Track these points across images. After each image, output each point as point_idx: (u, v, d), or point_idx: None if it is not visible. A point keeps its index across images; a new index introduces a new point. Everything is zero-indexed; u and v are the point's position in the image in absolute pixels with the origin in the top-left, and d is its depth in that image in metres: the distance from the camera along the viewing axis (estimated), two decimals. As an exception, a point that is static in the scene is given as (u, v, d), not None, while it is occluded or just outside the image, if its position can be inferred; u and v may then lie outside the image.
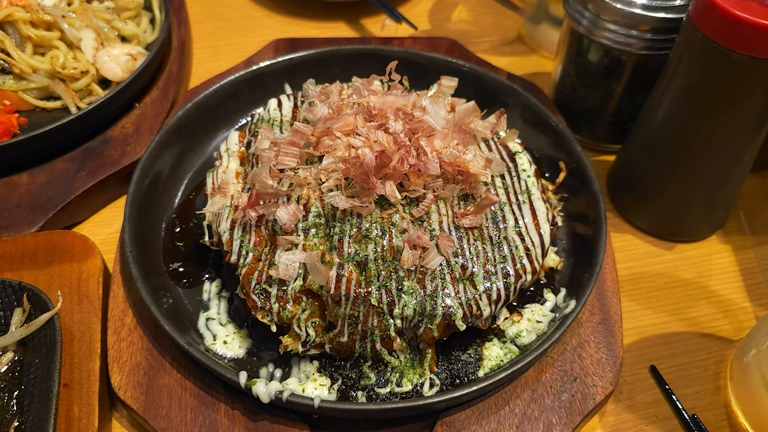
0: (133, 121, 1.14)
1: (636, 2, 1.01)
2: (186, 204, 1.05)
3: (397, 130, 0.86)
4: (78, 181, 1.06)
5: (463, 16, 1.44)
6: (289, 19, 1.43)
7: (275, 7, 1.45)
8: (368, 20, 1.42)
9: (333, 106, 0.91)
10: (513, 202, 0.94)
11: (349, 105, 0.90)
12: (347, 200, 0.84)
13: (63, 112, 1.17)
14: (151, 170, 1.02)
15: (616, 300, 0.95)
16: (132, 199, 0.97)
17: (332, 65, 1.19)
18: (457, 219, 0.88)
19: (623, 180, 1.11)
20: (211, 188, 0.96)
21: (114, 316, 0.91)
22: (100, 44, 1.21)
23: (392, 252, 0.84)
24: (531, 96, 1.12)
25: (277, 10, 1.45)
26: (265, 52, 1.26)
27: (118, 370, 0.86)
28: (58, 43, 1.19)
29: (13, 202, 1.03)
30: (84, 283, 0.93)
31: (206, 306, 0.93)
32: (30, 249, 0.97)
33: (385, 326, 0.83)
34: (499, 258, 0.88)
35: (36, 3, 1.19)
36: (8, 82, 1.17)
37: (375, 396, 0.85)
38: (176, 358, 0.87)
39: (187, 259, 0.98)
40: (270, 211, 0.87)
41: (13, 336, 0.86)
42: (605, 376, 0.87)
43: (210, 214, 0.93)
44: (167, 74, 1.23)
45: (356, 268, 0.84)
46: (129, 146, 1.11)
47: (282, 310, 0.83)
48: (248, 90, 1.15)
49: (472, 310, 0.84)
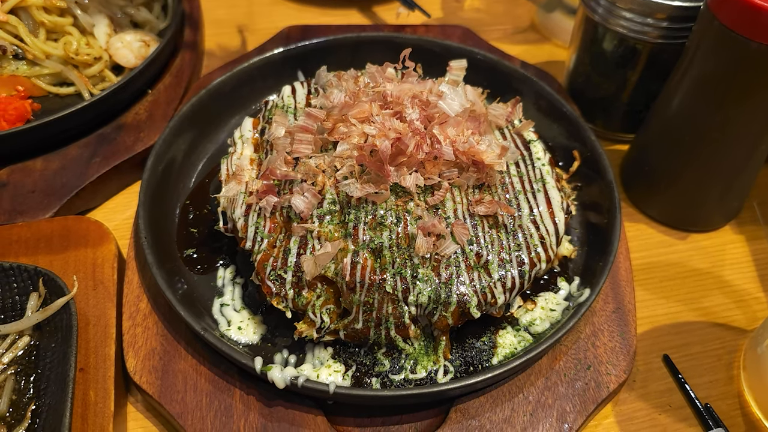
0: (146, 108, 1.14)
1: (652, -10, 1.00)
2: (199, 190, 1.05)
3: (413, 118, 0.85)
4: (92, 167, 1.06)
5: (475, 4, 1.44)
6: (301, 6, 1.42)
7: (287, -7, 1.45)
8: (380, 7, 1.41)
9: (349, 93, 0.90)
10: (528, 190, 0.94)
11: (366, 92, 0.90)
12: (362, 188, 0.84)
13: (76, 98, 1.17)
14: (165, 156, 1.02)
15: (630, 289, 0.95)
16: (146, 186, 0.97)
17: (345, 53, 1.19)
18: (471, 207, 0.88)
19: (637, 169, 1.11)
20: (226, 175, 0.96)
21: (129, 302, 0.91)
22: (113, 30, 1.21)
23: (407, 239, 0.84)
24: (545, 85, 1.12)
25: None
26: (278, 40, 1.26)
27: (134, 355, 0.86)
28: (71, 28, 1.19)
29: (27, 187, 1.03)
30: (99, 269, 0.94)
31: (220, 292, 0.94)
32: (45, 234, 0.97)
33: (399, 313, 0.83)
34: (514, 246, 0.88)
35: (49, -12, 1.19)
36: (22, 67, 1.17)
37: (389, 383, 0.85)
38: (191, 344, 0.87)
39: (201, 245, 0.98)
40: (285, 198, 0.87)
41: (30, 320, 0.86)
42: (619, 364, 0.87)
43: (224, 201, 0.93)
44: (180, 60, 1.22)
45: (371, 255, 0.84)
46: (142, 132, 1.11)
47: (297, 297, 0.83)
48: (261, 77, 1.15)
49: (486, 297, 0.84)
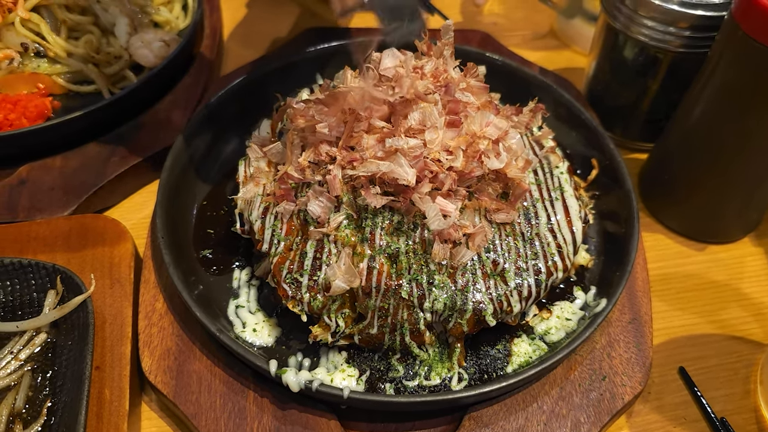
0: (165, 108, 1.15)
1: (675, -1, 1.00)
2: (216, 191, 1.05)
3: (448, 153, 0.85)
4: (111, 165, 1.06)
5: (494, 9, 1.43)
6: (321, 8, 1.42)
7: (307, -5, 1.45)
8: (400, 11, 1.41)
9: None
10: (545, 198, 0.93)
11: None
12: (382, 198, 0.83)
13: (96, 96, 1.17)
14: (183, 156, 1.02)
15: (647, 300, 0.94)
16: (164, 185, 0.97)
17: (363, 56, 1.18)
18: (489, 214, 0.88)
19: (655, 179, 1.10)
20: (243, 176, 0.96)
21: (145, 301, 0.91)
22: (133, 29, 1.21)
23: (423, 245, 0.84)
24: (564, 92, 1.11)
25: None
26: (298, 42, 1.26)
27: (149, 354, 0.86)
28: (92, 27, 1.20)
29: (46, 184, 1.04)
30: (116, 268, 0.94)
31: (236, 293, 0.94)
32: (63, 232, 0.98)
33: (414, 319, 0.83)
34: (531, 254, 0.87)
35: (71, -13, 1.20)
36: (43, 65, 1.18)
37: (403, 388, 0.85)
38: (206, 345, 0.87)
39: (218, 246, 0.98)
40: (302, 202, 0.87)
41: (47, 317, 0.87)
42: (634, 375, 0.87)
43: (241, 202, 0.93)
44: (199, 61, 1.23)
45: (387, 261, 0.84)
46: (161, 132, 1.11)
47: (313, 300, 0.83)
48: (280, 79, 1.15)
49: (502, 306, 0.84)
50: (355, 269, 0.83)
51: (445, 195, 0.85)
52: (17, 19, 1.16)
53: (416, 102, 0.88)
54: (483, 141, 0.86)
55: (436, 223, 0.83)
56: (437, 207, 0.83)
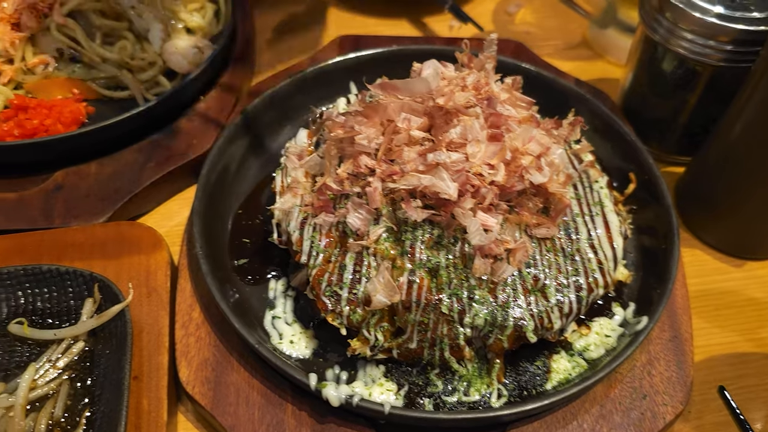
0: (199, 115, 1.15)
1: (716, 12, 0.98)
2: (251, 200, 1.05)
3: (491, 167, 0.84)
4: (145, 172, 1.06)
5: (527, 18, 1.43)
6: (351, 15, 1.42)
7: (337, 2, 1.44)
8: (431, 18, 1.41)
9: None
10: (585, 213, 0.92)
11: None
12: (423, 211, 0.83)
13: (129, 102, 1.18)
14: (219, 165, 1.02)
15: (687, 317, 0.93)
16: (201, 194, 0.97)
17: (398, 64, 1.17)
18: (530, 229, 0.87)
19: (693, 193, 1.09)
20: (280, 186, 0.96)
21: (182, 311, 0.91)
22: (167, 35, 1.21)
23: (464, 260, 0.84)
24: (600, 104, 1.10)
25: (339, 5, 1.44)
26: (331, 49, 1.25)
27: (187, 365, 0.86)
28: (126, 33, 1.20)
29: (82, 191, 1.04)
30: (152, 276, 0.94)
31: (272, 304, 0.93)
32: (99, 239, 0.97)
33: (454, 335, 0.83)
34: (572, 270, 0.87)
35: (106, -8, 1.20)
36: (77, 71, 1.18)
37: (442, 404, 0.84)
38: (243, 356, 0.87)
39: (253, 255, 0.98)
40: (341, 214, 0.87)
41: (85, 326, 0.87)
42: (675, 395, 0.86)
43: (279, 213, 0.93)
44: (232, 68, 1.23)
45: (427, 275, 0.83)
46: (195, 139, 1.11)
47: (352, 314, 0.83)
48: (314, 87, 1.15)
49: (543, 322, 0.83)
50: (395, 283, 0.82)
51: (486, 209, 0.84)
52: (53, 25, 1.16)
53: (457, 114, 0.87)
54: (526, 157, 0.85)
55: (477, 238, 0.82)
56: (479, 221, 0.82)
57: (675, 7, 1.01)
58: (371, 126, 0.89)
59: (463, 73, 0.94)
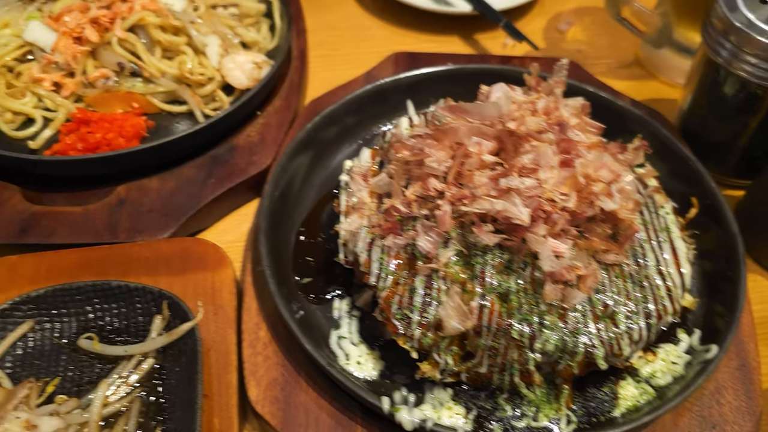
0: (257, 130, 1.16)
1: (784, 37, 0.98)
2: (312, 217, 1.05)
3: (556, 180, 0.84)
4: (207, 188, 1.07)
5: (578, 35, 1.42)
6: (402, 31, 1.42)
7: (388, 17, 1.45)
8: (482, 35, 1.41)
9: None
10: (652, 239, 0.92)
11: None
12: (495, 236, 0.83)
13: (188, 116, 1.19)
14: (281, 183, 1.03)
15: (753, 345, 0.92)
16: (266, 212, 0.98)
17: (456, 83, 1.18)
18: (598, 254, 0.87)
19: (754, 217, 1.08)
20: (345, 206, 0.96)
21: (248, 329, 0.92)
22: (224, 50, 1.22)
23: (533, 284, 0.84)
24: (660, 126, 1.10)
25: (390, 20, 1.44)
26: (385, 66, 1.26)
27: (255, 384, 0.87)
28: (185, 48, 1.21)
29: (145, 206, 1.05)
30: (218, 293, 0.95)
31: (337, 324, 0.94)
32: (164, 255, 0.98)
33: (524, 360, 0.83)
34: (641, 297, 0.87)
35: (166, 8, 1.21)
36: (137, 85, 1.19)
37: (511, 429, 0.84)
38: (312, 376, 0.87)
39: (317, 274, 0.99)
40: (410, 236, 0.87)
41: (156, 342, 0.88)
42: (745, 425, 0.85)
43: (346, 233, 0.93)
44: (288, 83, 1.23)
45: (498, 300, 0.83)
46: (255, 156, 1.12)
47: (423, 338, 0.83)
48: (371, 104, 1.15)
49: (613, 349, 0.83)
50: (466, 308, 0.82)
51: (557, 235, 0.84)
52: (114, 39, 1.17)
53: (527, 139, 0.87)
54: (597, 184, 0.85)
55: (549, 264, 0.82)
56: (550, 247, 0.82)
57: (739, 31, 1.01)
58: (440, 149, 0.89)
59: (532, 96, 0.94)
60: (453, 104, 0.91)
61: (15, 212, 1.04)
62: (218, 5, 1.31)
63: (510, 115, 0.88)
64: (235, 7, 1.31)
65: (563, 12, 1.47)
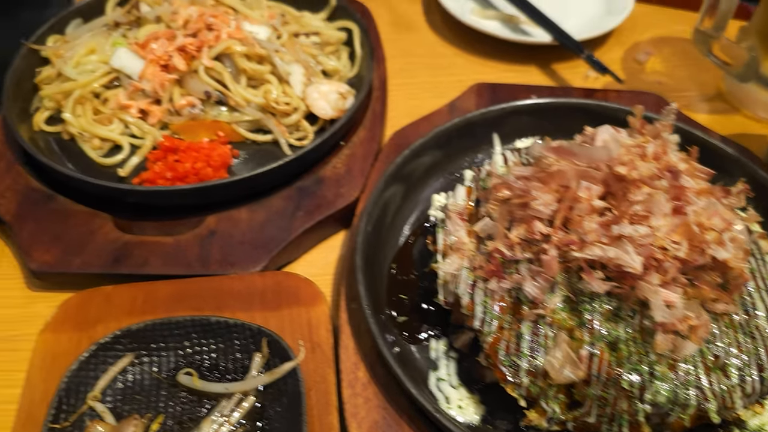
0: (343, 162, 1.15)
1: None
2: (404, 253, 1.04)
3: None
4: (296, 220, 1.07)
5: (657, 66, 1.40)
6: (479, 59, 1.42)
7: (464, 45, 1.44)
8: (560, 65, 1.40)
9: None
10: (761, 288, 0.90)
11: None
12: (605, 284, 0.82)
13: (272, 146, 1.19)
14: (373, 217, 1.02)
15: None
16: (361, 249, 0.97)
17: (542, 117, 1.17)
18: (707, 304, 0.85)
19: None
20: (443, 245, 0.95)
21: (346, 369, 0.91)
22: (308, 79, 1.22)
23: (642, 333, 0.82)
24: (758, 168, 1.08)
25: (466, 48, 1.44)
26: (468, 97, 1.25)
27: (357, 426, 0.86)
28: (269, 77, 1.21)
29: (236, 237, 1.05)
30: (314, 330, 0.94)
31: (434, 365, 0.93)
32: (258, 289, 0.98)
33: (634, 411, 0.81)
34: (752, 348, 0.84)
35: (251, 36, 1.21)
36: (223, 113, 1.19)
37: (620, 481, 0.83)
38: (414, 420, 0.86)
39: (412, 312, 0.98)
40: (515, 280, 0.86)
41: (257, 381, 0.87)
42: None
43: (446, 274, 0.92)
44: (371, 113, 1.23)
45: (607, 348, 0.82)
46: (342, 188, 1.11)
47: (531, 385, 0.82)
48: (458, 138, 1.14)
49: (725, 402, 0.81)
50: (575, 356, 0.81)
51: (667, 283, 0.83)
52: (201, 67, 1.18)
53: (636, 184, 0.86)
54: (710, 232, 0.83)
55: (661, 314, 0.81)
56: (662, 297, 0.81)
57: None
58: (546, 191, 0.88)
59: (638, 139, 0.92)
60: (558, 146, 0.90)
61: (108, 241, 1.04)
62: (300, 33, 1.31)
63: (619, 159, 0.87)
64: (317, 35, 1.32)
65: (641, 42, 1.45)
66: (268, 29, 1.25)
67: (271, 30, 1.26)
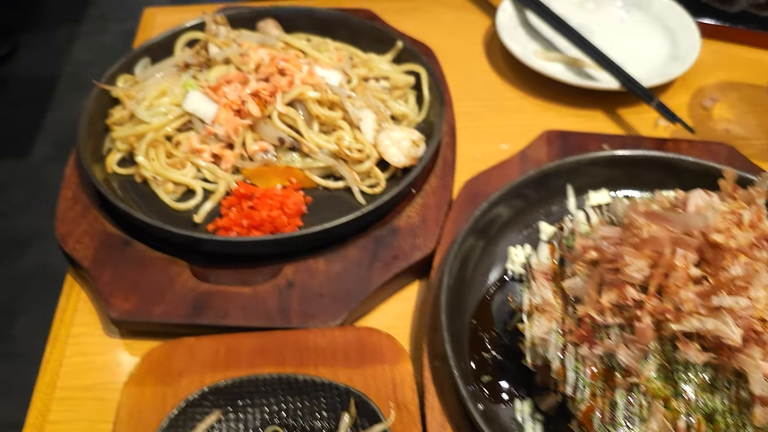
0: (417, 211, 1.15)
1: None
2: (483, 309, 1.04)
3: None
4: (374, 272, 1.06)
5: (724, 113, 1.39)
6: (544, 103, 1.41)
7: (529, 89, 1.44)
8: (626, 110, 1.39)
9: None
10: None
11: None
12: (703, 354, 0.81)
13: (344, 192, 1.19)
14: (454, 272, 1.02)
15: None
16: (445, 306, 0.97)
17: (615, 168, 1.17)
18: (803, 375, 0.84)
19: None
20: (529, 306, 0.95)
21: (433, 429, 0.91)
22: (379, 125, 1.22)
23: (739, 405, 0.81)
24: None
25: (531, 92, 1.43)
26: (538, 145, 1.24)
27: (448, 492, 0.86)
28: (341, 123, 1.21)
29: (314, 289, 1.05)
30: (399, 389, 0.94)
31: (521, 427, 0.92)
32: (340, 345, 0.98)
33: (733, 485, 0.80)
34: None
35: (324, 82, 1.22)
36: (295, 159, 1.20)
37: None
38: (505, 486, 0.86)
39: (496, 372, 0.97)
40: (608, 346, 0.85)
41: (346, 443, 0.87)
42: None
43: (534, 336, 0.91)
44: (442, 160, 1.23)
45: (704, 420, 0.81)
46: (418, 239, 1.11)
47: (629, 456, 0.81)
48: (533, 189, 1.14)
49: (823, 477, 0.80)
50: (671, 428, 0.80)
51: (765, 355, 0.82)
52: (275, 113, 1.18)
53: (734, 254, 0.85)
54: (808, 302, 0.83)
55: (760, 388, 0.80)
56: (762, 371, 0.80)
57: None
58: (639, 256, 0.88)
59: (732, 204, 0.92)
60: (652, 211, 0.90)
61: (186, 290, 1.04)
62: (370, 78, 1.31)
63: (715, 227, 0.86)
64: (386, 80, 1.32)
65: (706, 87, 1.44)
66: (339, 74, 1.26)
67: (342, 74, 1.26)
